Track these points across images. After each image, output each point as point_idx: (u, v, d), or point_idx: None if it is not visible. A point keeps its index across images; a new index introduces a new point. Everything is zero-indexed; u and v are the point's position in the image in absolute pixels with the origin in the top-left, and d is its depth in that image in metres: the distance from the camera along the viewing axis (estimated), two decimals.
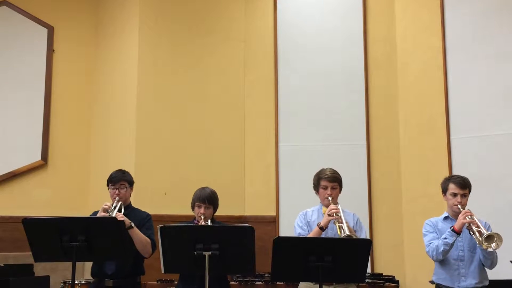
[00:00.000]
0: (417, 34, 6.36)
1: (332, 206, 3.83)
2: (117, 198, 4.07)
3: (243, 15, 6.91)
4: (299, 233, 3.93)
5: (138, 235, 3.93)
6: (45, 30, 6.67)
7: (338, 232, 3.72)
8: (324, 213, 3.92)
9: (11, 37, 6.53)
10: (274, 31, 6.73)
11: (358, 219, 4.03)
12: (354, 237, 3.62)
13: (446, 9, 6.16)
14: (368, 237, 3.82)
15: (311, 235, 3.83)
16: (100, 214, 3.94)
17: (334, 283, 3.75)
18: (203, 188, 4.12)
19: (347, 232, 3.61)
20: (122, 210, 4.03)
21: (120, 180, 4.14)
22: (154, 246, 4.04)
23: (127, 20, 6.57)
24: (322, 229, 3.79)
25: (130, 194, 4.26)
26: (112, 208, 3.96)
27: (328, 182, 3.97)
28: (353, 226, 3.87)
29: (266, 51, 6.74)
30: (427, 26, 6.28)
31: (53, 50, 6.67)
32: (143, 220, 4.13)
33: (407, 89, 6.37)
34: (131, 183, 4.22)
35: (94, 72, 6.85)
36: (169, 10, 6.58)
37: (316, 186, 4.05)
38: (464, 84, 5.99)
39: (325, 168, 4.09)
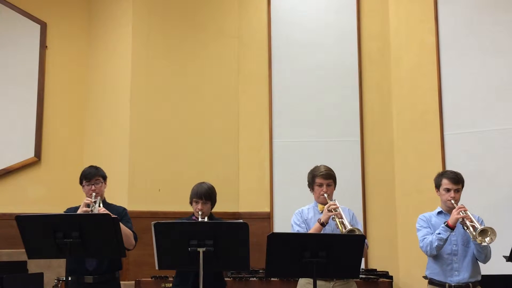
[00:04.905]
0: (410, 29, 6.37)
1: (331, 202, 3.85)
2: (93, 193, 4.05)
3: (236, 11, 6.90)
4: (298, 230, 3.94)
5: (121, 228, 3.83)
6: (38, 26, 6.63)
7: (340, 227, 3.74)
8: (320, 210, 3.95)
9: (4, 33, 6.49)
10: (268, 27, 6.72)
11: (353, 214, 4.06)
12: (356, 231, 3.64)
13: (439, 4, 6.18)
14: (363, 231, 3.83)
15: (311, 231, 3.85)
16: (82, 209, 3.91)
17: (334, 279, 3.78)
18: (201, 183, 4.08)
19: (350, 227, 3.63)
20: (101, 205, 4.01)
21: (94, 175, 4.13)
22: (136, 237, 4.04)
23: (120, 16, 6.55)
24: (323, 225, 3.81)
25: (105, 189, 4.21)
26: (93, 203, 3.94)
27: (323, 179, 3.97)
28: (350, 221, 3.89)
29: (260, 47, 6.73)
30: (420, 21, 6.29)
31: (46, 47, 6.64)
32: (120, 214, 4.07)
33: (400, 84, 6.39)
34: (105, 177, 4.20)
35: (88, 68, 6.82)
36: (162, 6, 6.57)
37: (311, 184, 4.04)
38: (457, 79, 6.01)
39: (319, 165, 4.08)
